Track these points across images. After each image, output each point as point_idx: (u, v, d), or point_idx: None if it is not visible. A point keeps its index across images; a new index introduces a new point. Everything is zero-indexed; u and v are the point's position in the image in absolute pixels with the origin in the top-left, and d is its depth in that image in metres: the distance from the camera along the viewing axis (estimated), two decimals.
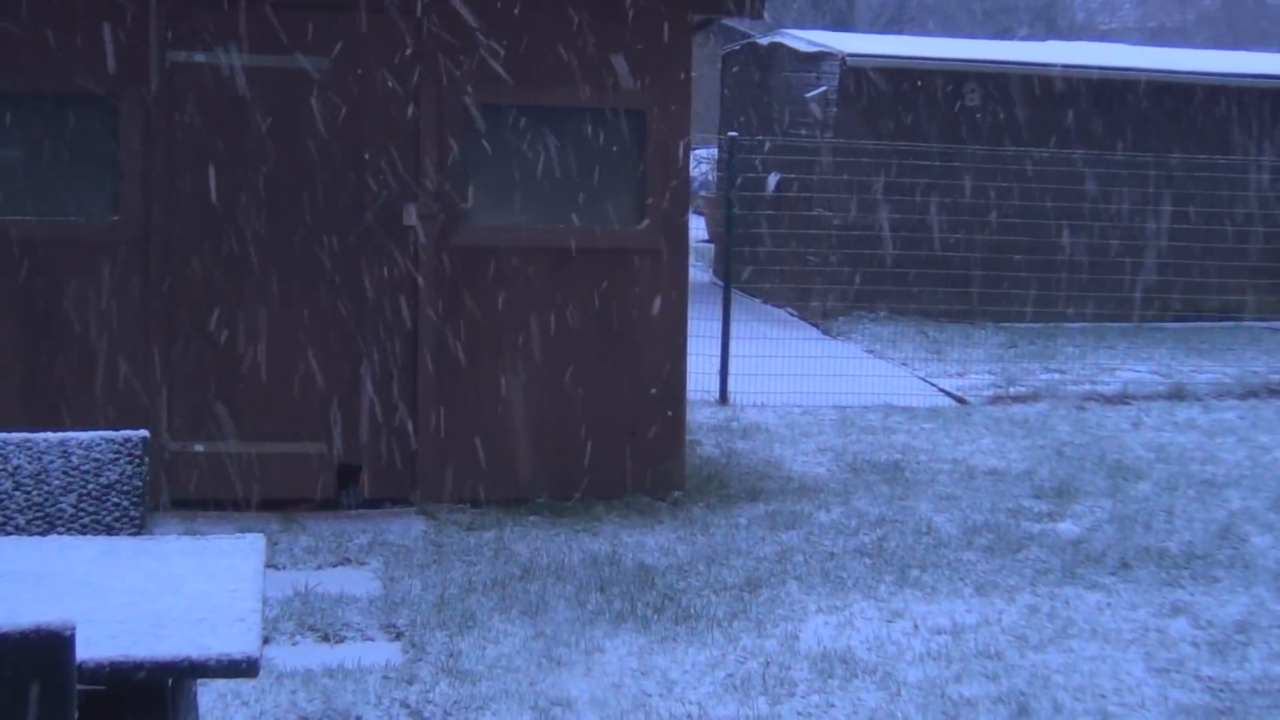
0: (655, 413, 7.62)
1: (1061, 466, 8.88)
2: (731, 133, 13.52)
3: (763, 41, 18.04)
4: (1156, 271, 15.73)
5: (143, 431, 3.92)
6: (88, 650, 2.72)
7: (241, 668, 2.85)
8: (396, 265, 7.34)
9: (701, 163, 23.72)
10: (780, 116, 16.89)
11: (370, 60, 7.27)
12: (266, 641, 5.43)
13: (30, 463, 3.83)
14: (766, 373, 11.01)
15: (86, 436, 3.88)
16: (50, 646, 2.52)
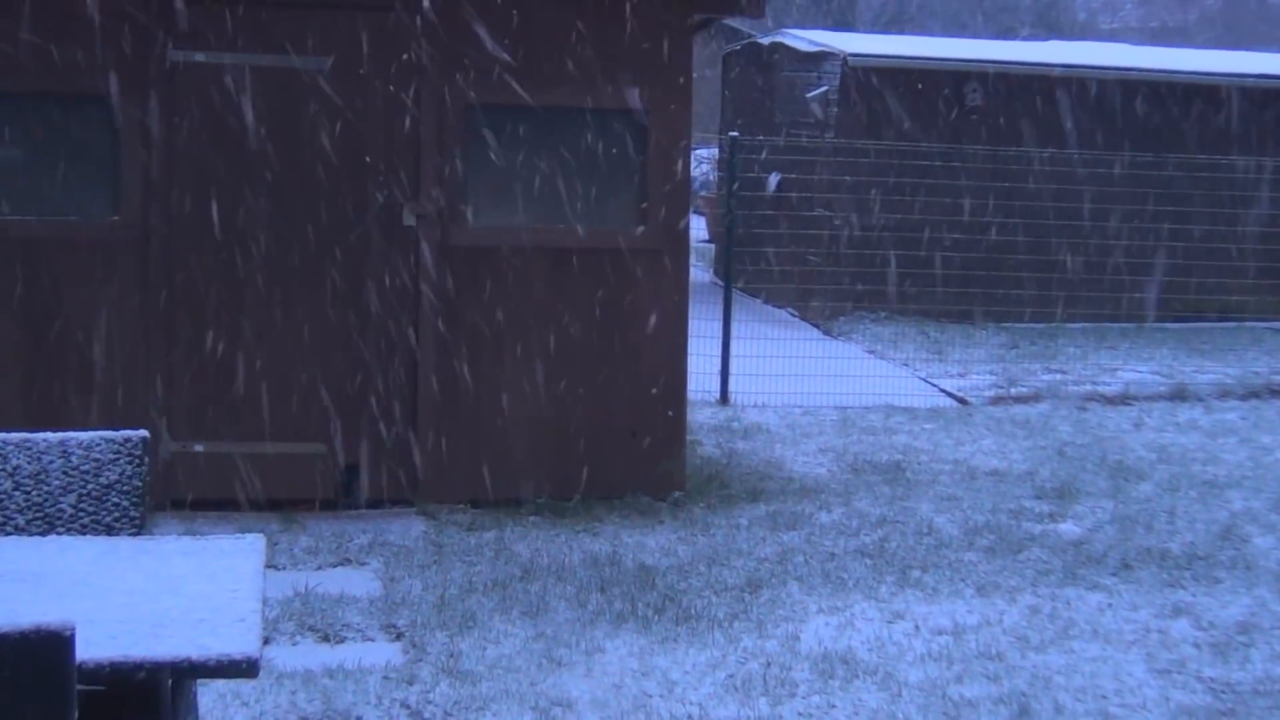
0: (656, 413, 7.61)
1: (1063, 467, 8.87)
2: (732, 133, 13.52)
3: (764, 41, 18.03)
4: (1158, 272, 15.71)
5: (142, 431, 3.92)
6: (87, 650, 2.72)
7: (241, 668, 2.85)
8: (396, 265, 7.33)
9: (702, 163, 23.71)
10: (781, 117, 16.89)
11: (371, 60, 7.27)
12: (266, 642, 5.43)
13: (30, 463, 3.82)
14: (767, 373, 11.00)
15: (86, 436, 3.87)
16: (50, 646, 2.51)
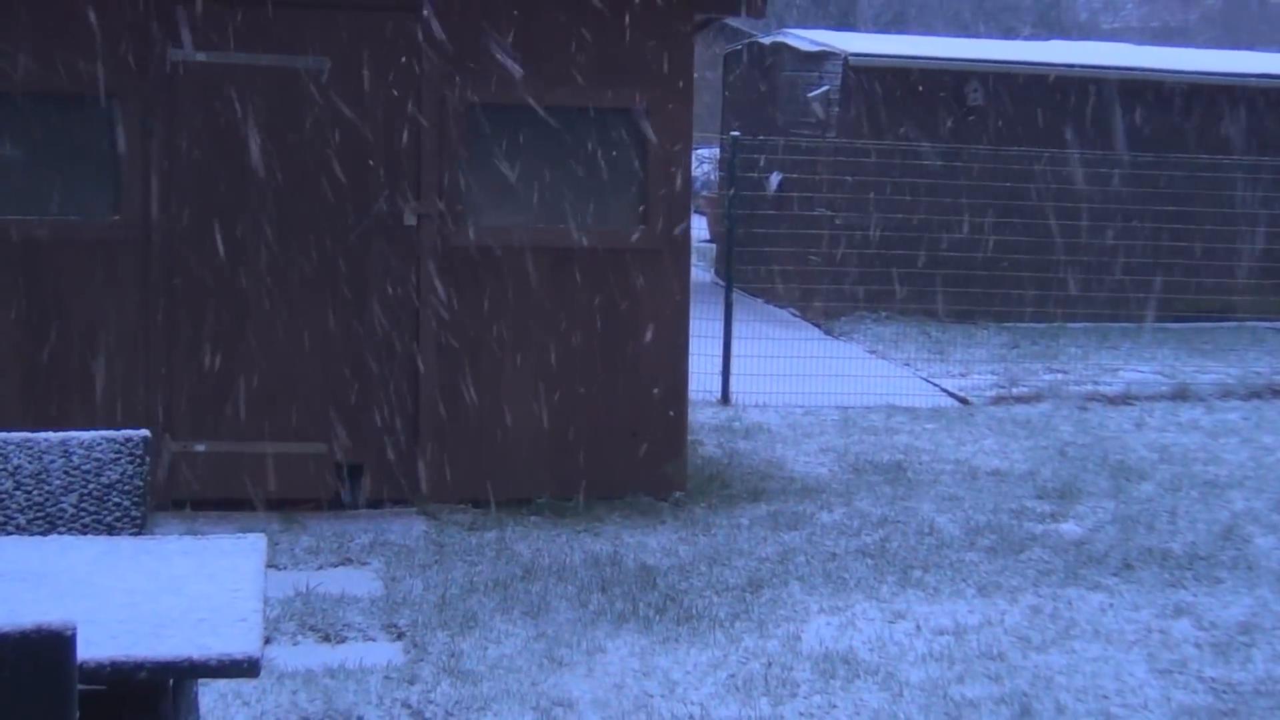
0: (657, 413, 7.61)
1: (1064, 467, 8.87)
2: (733, 133, 13.51)
3: (765, 41, 18.03)
4: (1159, 271, 15.70)
5: (144, 431, 3.92)
6: (89, 650, 2.72)
7: (242, 668, 2.84)
8: (397, 265, 7.33)
9: (703, 162, 23.72)
10: (782, 117, 16.89)
11: (371, 60, 7.26)
12: (268, 642, 5.42)
13: (31, 462, 3.82)
14: (768, 373, 10.99)
15: (88, 436, 3.87)
16: (51, 646, 2.51)
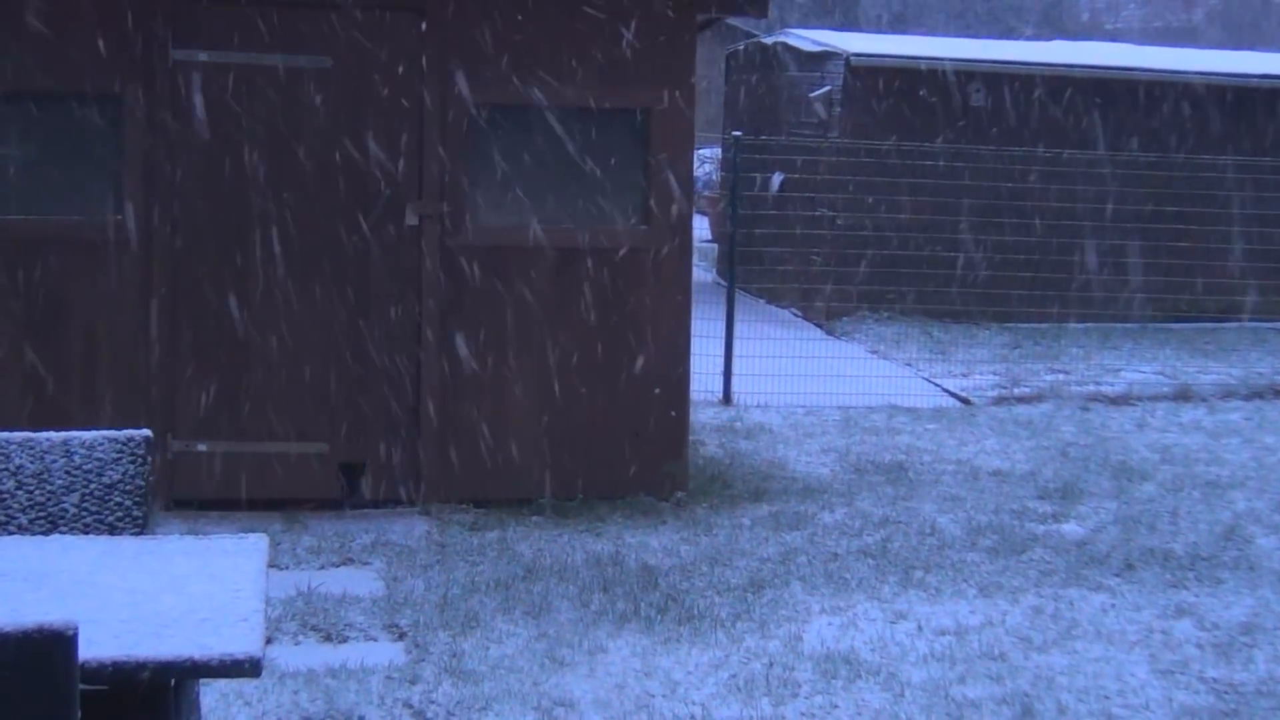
0: (658, 413, 7.61)
1: (1066, 467, 8.87)
2: (735, 132, 13.51)
3: (767, 41, 18.02)
4: (1160, 272, 15.70)
5: (145, 431, 3.92)
6: (90, 650, 2.72)
7: (244, 668, 2.84)
8: (400, 265, 7.33)
9: (705, 162, 23.70)
10: (784, 116, 16.88)
11: (373, 59, 7.27)
12: (269, 641, 5.42)
13: (33, 462, 3.82)
14: (770, 373, 10.99)
15: (89, 436, 3.87)
16: (53, 646, 2.51)
